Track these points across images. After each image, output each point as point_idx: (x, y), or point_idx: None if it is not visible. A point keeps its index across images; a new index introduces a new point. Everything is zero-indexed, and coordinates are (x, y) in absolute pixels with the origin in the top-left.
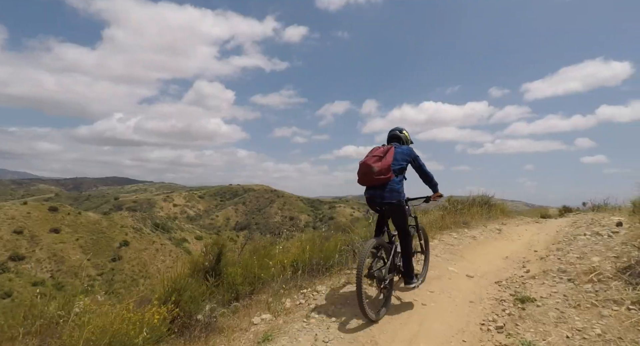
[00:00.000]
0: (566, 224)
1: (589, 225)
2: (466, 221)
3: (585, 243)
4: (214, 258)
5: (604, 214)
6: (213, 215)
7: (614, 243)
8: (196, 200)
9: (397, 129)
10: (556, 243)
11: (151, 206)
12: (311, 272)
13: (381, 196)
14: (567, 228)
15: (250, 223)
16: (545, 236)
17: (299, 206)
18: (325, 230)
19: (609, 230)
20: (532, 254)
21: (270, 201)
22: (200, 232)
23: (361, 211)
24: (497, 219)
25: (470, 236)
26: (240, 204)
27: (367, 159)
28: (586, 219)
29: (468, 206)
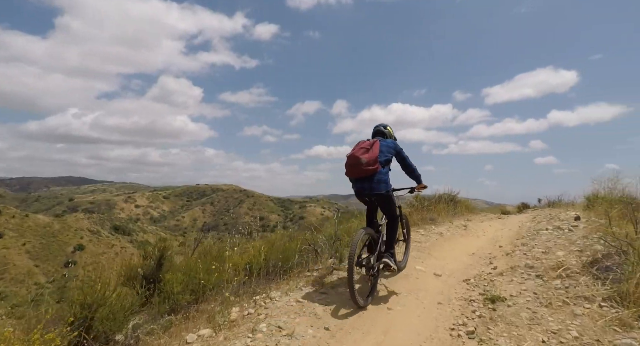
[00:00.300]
0: (527, 219)
1: (549, 220)
2: (433, 218)
3: (548, 237)
4: (154, 262)
5: (559, 209)
6: (179, 216)
7: (575, 236)
8: (160, 201)
9: (381, 125)
10: (520, 238)
11: (111, 208)
12: (268, 275)
13: (370, 188)
14: (529, 223)
15: (218, 224)
16: (508, 232)
17: (269, 206)
18: (292, 230)
19: (569, 224)
20: (497, 250)
21: (240, 201)
22: (164, 234)
23: (331, 210)
24: (462, 215)
25: (437, 233)
26: (208, 204)
27: (354, 151)
28: (544, 214)
29: (434, 203)
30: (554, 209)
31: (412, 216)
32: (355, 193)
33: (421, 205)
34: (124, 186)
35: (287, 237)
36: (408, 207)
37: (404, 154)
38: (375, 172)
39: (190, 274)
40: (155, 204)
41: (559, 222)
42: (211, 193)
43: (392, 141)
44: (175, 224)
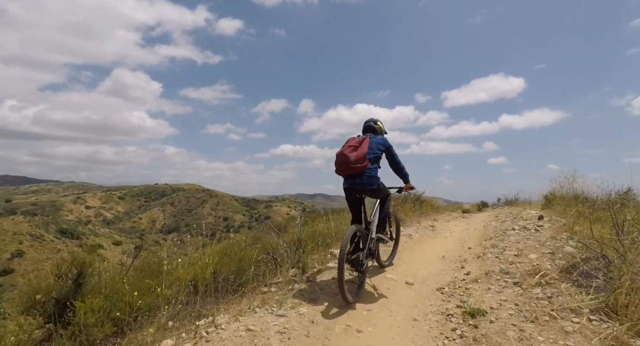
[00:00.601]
0: (490, 218)
1: (513, 219)
2: (400, 219)
3: (517, 238)
4: (71, 282)
5: (518, 208)
6: (135, 217)
7: (543, 237)
8: (115, 201)
9: (371, 120)
10: (488, 239)
11: (57, 209)
12: (217, 293)
13: (361, 184)
14: (493, 222)
15: (179, 225)
16: (474, 232)
17: (234, 205)
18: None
19: (535, 224)
20: (467, 252)
21: (202, 201)
22: (119, 236)
23: (297, 209)
24: (428, 215)
25: (406, 235)
26: (168, 204)
27: (343, 149)
28: (505, 213)
29: (401, 202)
30: (513, 208)
31: None
32: (345, 190)
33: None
34: (72, 185)
35: (245, 243)
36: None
37: (393, 151)
38: (365, 169)
39: (115, 297)
40: (108, 205)
41: (523, 221)
42: (171, 193)
43: (382, 138)
44: (132, 226)
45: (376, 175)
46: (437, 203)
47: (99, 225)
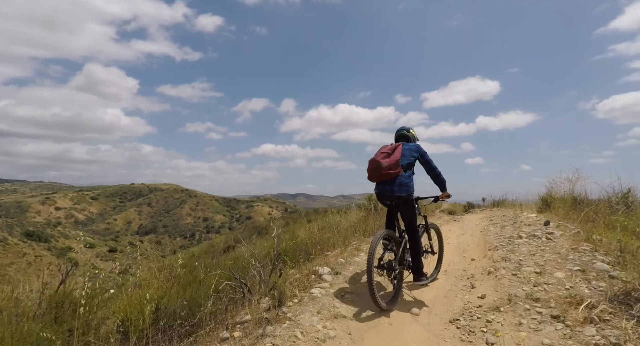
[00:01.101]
0: (483, 221)
1: (513, 224)
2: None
3: (528, 248)
4: None
5: (509, 209)
6: (110, 218)
7: (561, 249)
8: (87, 202)
9: (404, 128)
10: (493, 249)
11: (23, 211)
12: (157, 343)
13: (391, 190)
14: (491, 227)
15: (157, 226)
16: (472, 238)
17: (214, 206)
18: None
19: (544, 231)
20: (472, 265)
21: (181, 201)
22: (92, 238)
23: (279, 209)
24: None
25: None
26: (144, 205)
27: (375, 156)
28: (498, 215)
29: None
30: (504, 210)
31: (368, 221)
32: (376, 196)
33: (374, 207)
34: (40, 185)
35: (205, 263)
36: (363, 210)
37: (427, 157)
38: (397, 175)
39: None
40: (80, 206)
41: (527, 227)
42: (148, 193)
43: (415, 144)
44: (106, 227)
45: (408, 183)
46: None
47: (70, 227)
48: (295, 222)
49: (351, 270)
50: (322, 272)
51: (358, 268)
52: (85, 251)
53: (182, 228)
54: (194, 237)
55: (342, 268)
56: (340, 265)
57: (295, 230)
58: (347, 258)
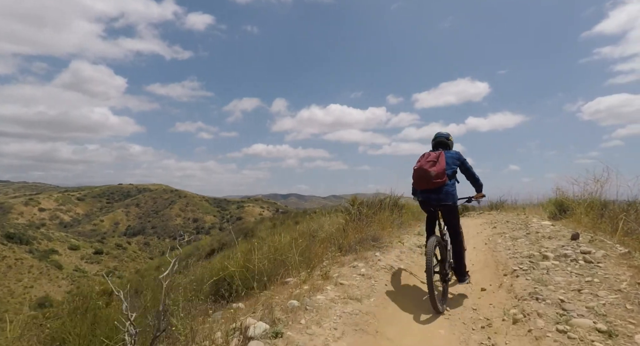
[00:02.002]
0: (486, 229)
1: (526, 235)
2: (376, 237)
3: (567, 279)
4: None
5: (511, 213)
6: (97, 220)
7: (619, 281)
8: (73, 203)
9: (442, 135)
10: (510, 274)
11: (5, 212)
12: None
13: (437, 199)
14: (499, 238)
15: (145, 227)
16: (475, 252)
17: (204, 206)
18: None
19: (575, 249)
20: (482, 299)
21: (171, 201)
22: (76, 240)
23: (270, 210)
24: (409, 226)
25: (385, 268)
26: (133, 206)
27: (422, 164)
28: (502, 221)
29: (376, 209)
30: (505, 214)
31: (347, 232)
32: (420, 203)
33: (358, 213)
34: (24, 186)
35: None
36: (342, 215)
37: (468, 165)
38: (444, 184)
39: None
40: (66, 207)
41: (547, 241)
42: (137, 194)
43: (456, 152)
44: (92, 229)
45: (453, 192)
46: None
47: (55, 229)
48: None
49: (303, 325)
50: (254, 333)
51: (317, 316)
52: (70, 254)
53: (171, 228)
54: (183, 238)
55: (291, 319)
56: (290, 313)
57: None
58: (306, 295)
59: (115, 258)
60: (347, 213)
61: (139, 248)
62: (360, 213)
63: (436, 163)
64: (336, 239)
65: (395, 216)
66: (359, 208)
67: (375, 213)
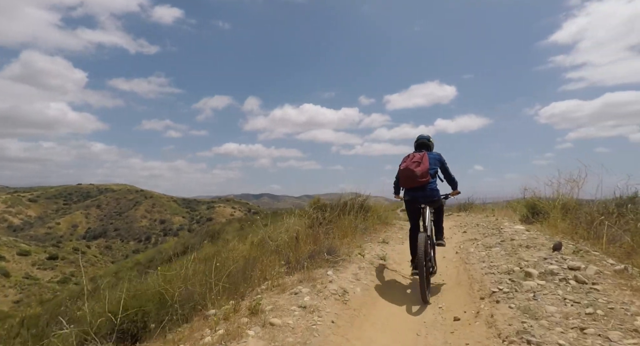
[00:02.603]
0: (456, 235)
1: (500, 242)
2: (333, 249)
3: (562, 309)
4: None
5: (479, 215)
6: (52, 222)
7: (625, 312)
8: (24, 204)
9: (424, 137)
10: (488, 297)
11: None
12: None
13: (424, 196)
14: (469, 245)
15: (107, 230)
16: (444, 264)
17: (172, 207)
18: None
19: (560, 264)
20: (456, 333)
21: (136, 202)
22: (27, 245)
23: (242, 210)
24: (375, 231)
25: (335, 294)
26: (93, 207)
27: (408, 164)
28: (472, 224)
29: (339, 212)
30: (474, 216)
31: (300, 242)
32: (407, 201)
33: (318, 218)
34: None
35: None
36: (301, 220)
37: (447, 165)
38: (427, 183)
39: None
40: (16, 209)
41: (526, 251)
42: (98, 194)
43: (438, 154)
44: (47, 232)
45: (437, 188)
46: (382, 206)
47: (2, 232)
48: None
49: None
50: None
51: None
52: (19, 260)
53: (136, 231)
54: (149, 240)
55: None
56: None
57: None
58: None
59: (72, 263)
60: (306, 217)
61: (99, 252)
62: (321, 217)
63: (420, 164)
64: (285, 253)
65: (360, 220)
66: (319, 211)
67: (339, 215)
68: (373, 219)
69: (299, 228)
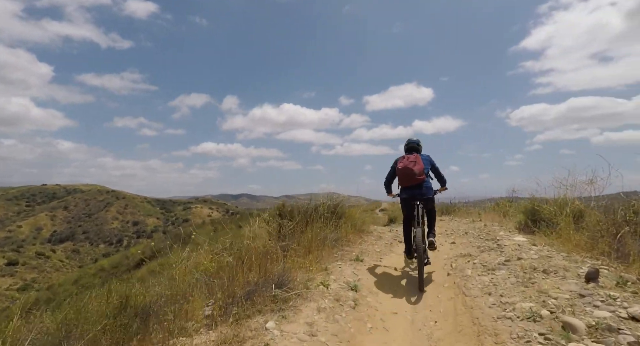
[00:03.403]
0: (446, 249)
1: (504, 262)
2: (286, 279)
3: None
4: None
5: (464, 219)
6: (13, 225)
7: None
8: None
9: (414, 141)
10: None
11: None
12: None
13: (421, 194)
14: (463, 262)
15: (75, 233)
16: (437, 295)
17: (146, 208)
18: None
19: (614, 312)
20: None
21: (107, 203)
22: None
23: (220, 211)
24: (348, 244)
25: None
26: (60, 209)
27: (406, 164)
28: (460, 231)
29: (308, 220)
30: (459, 220)
31: (237, 272)
32: (403, 199)
33: (283, 228)
34: None
35: None
36: (260, 229)
37: (436, 165)
38: (423, 181)
39: None
40: None
41: (549, 281)
42: (65, 195)
43: (427, 155)
44: (7, 236)
45: (431, 187)
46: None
47: None
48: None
49: None
50: None
51: None
52: None
53: (106, 233)
54: (121, 243)
55: None
56: None
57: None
58: None
59: (35, 269)
60: (267, 224)
61: (66, 257)
62: (286, 228)
63: (416, 163)
64: (224, 281)
65: (331, 229)
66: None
67: (305, 224)
68: (347, 227)
69: (249, 243)
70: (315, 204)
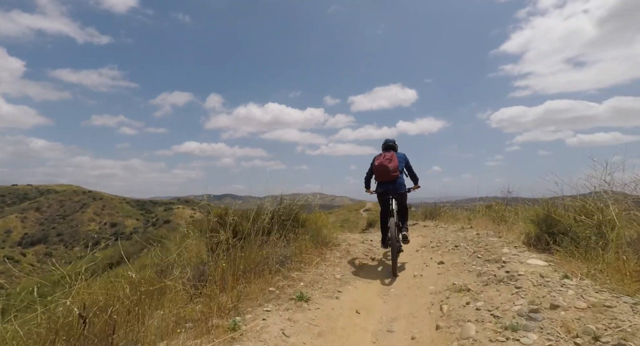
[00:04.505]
0: (432, 267)
1: (533, 312)
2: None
3: None
4: None
5: (451, 225)
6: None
7: None
8: None
9: (390, 141)
10: None
11: None
12: None
13: (394, 189)
14: (464, 305)
15: (48, 235)
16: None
17: (125, 209)
18: None
19: None
20: None
21: (83, 204)
22: None
23: (202, 212)
24: (300, 266)
25: None
26: (31, 210)
27: (382, 161)
28: (448, 243)
29: (262, 234)
30: (446, 228)
31: (118, 325)
32: (379, 193)
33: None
34: None
35: None
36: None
37: (410, 164)
38: (397, 177)
39: None
40: None
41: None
42: (38, 196)
43: (403, 154)
44: None
45: (404, 182)
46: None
47: None
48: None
49: None
50: None
51: None
52: None
53: (82, 235)
54: (98, 246)
55: None
56: None
57: None
58: None
59: (2, 274)
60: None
61: (37, 260)
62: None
63: (392, 161)
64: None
65: (282, 243)
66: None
67: (245, 238)
68: (305, 240)
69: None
70: (278, 208)
